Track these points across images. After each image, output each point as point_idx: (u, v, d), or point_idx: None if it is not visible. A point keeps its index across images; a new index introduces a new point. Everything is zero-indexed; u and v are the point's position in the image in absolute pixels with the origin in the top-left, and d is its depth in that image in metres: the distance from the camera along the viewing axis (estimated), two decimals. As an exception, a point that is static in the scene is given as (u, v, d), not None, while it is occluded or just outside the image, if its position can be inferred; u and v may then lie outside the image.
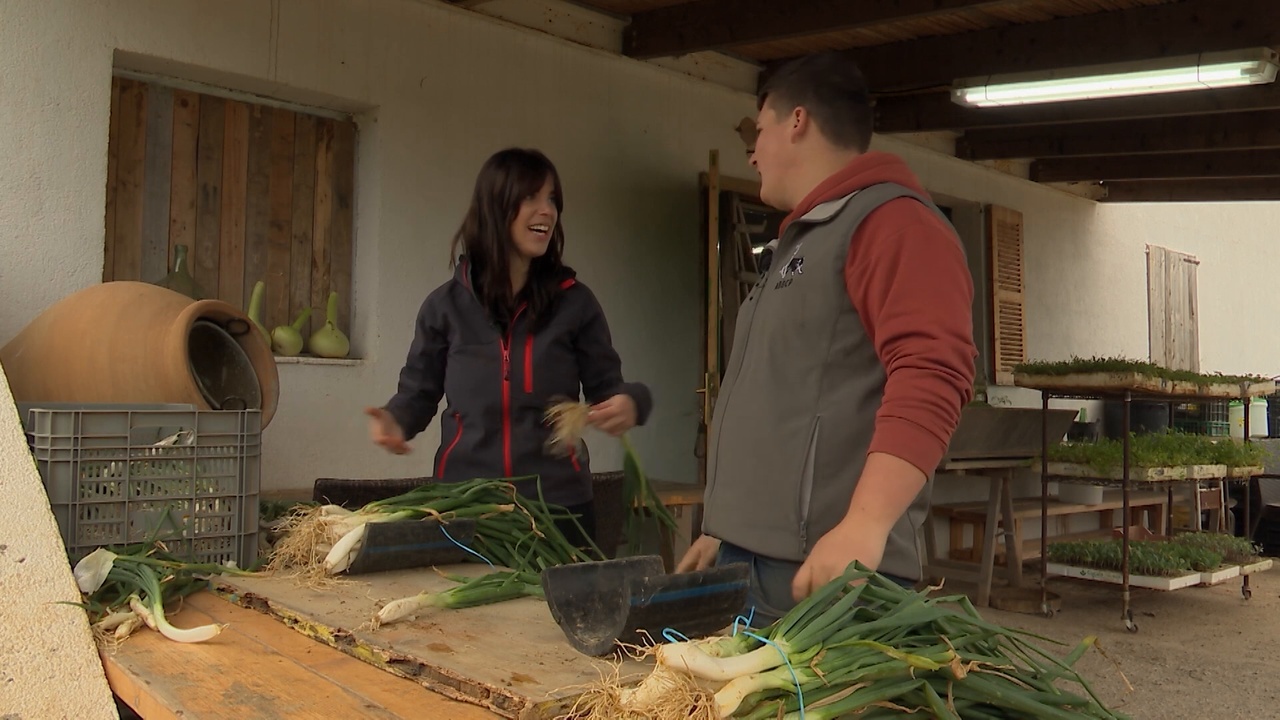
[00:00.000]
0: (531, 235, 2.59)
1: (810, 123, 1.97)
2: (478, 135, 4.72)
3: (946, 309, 1.72)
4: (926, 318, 1.70)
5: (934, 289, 1.73)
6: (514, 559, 2.06)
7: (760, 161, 2.04)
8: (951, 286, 1.75)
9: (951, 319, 1.71)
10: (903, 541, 1.81)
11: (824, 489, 1.79)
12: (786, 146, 1.99)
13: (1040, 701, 1.12)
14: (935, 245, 1.77)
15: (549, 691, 1.21)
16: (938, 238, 1.78)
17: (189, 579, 1.87)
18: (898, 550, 1.79)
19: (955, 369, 1.68)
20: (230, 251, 4.23)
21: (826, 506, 1.78)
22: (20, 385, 2.57)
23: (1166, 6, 4.73)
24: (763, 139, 2.03)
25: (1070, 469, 5.98)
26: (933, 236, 1.78)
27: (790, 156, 1.99)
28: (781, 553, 1.81)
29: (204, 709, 1.28)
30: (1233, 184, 8.43)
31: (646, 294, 5.48)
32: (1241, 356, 10.79)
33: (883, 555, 1.68)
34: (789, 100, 1.99)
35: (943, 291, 1.73)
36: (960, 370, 1.68)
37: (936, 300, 1.72)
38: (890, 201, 1.81)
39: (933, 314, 1.71)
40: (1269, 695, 4.50)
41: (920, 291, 1.72)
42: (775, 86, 2.02)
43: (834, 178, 1.93)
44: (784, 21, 4.81)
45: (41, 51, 3.58)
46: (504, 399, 2.61)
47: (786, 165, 1.99)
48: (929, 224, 1.79)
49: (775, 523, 1.82)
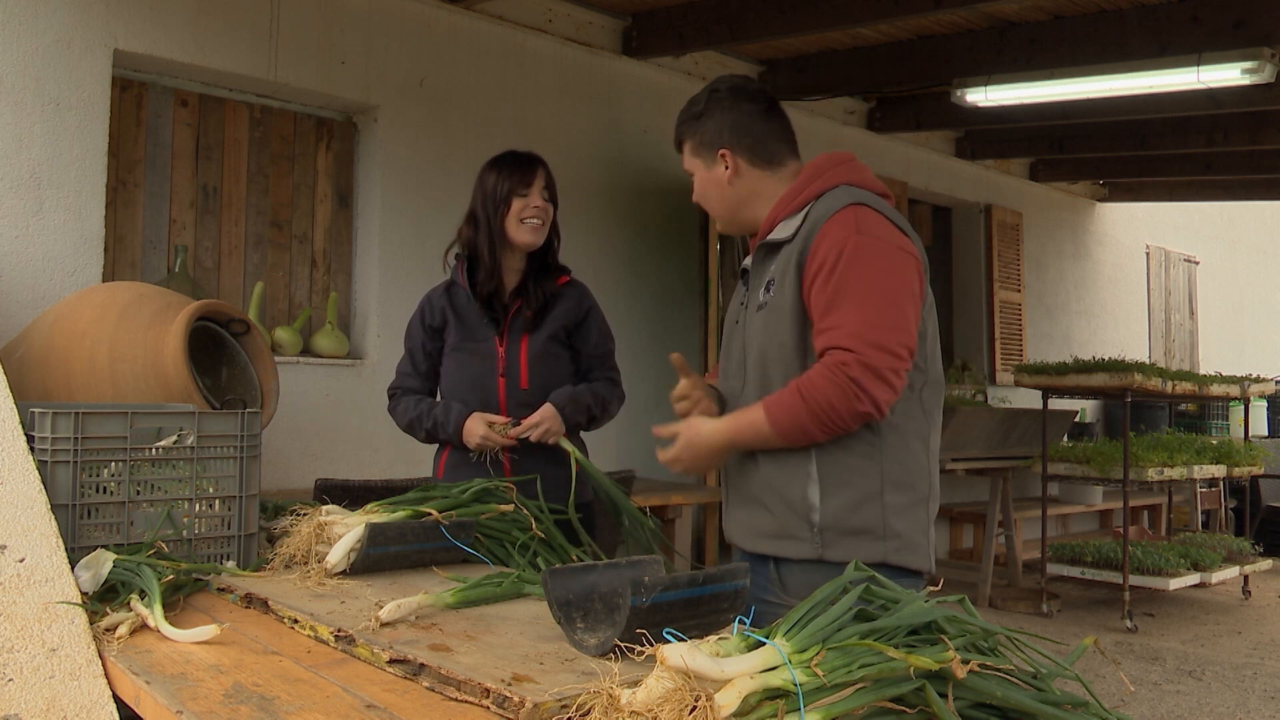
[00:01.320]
0: (524, 227, 2.60)
1: (738, 160, 1.98)
2: (478, 135, 4.72)
3: (872, 321, 1.76)
4: (846, 332, 1.76)
5: (862, 301, 1.77)
6: (514, 559, 2.06)
7: (705, 207, 2.07)
8: (884, 298, 1.78)
9: (875, 331, 1.76)
10: (914, 535, 1.88)
11: (830, 499, 1.85)
12: (726, 190, 2.01)
13: (1040, 701, 1.12)
14: (874, 255, 1.80)
15: (549, 691, 1.21)
16: (879, 248, 1.81)
17: (189, 579, 1.87)
18: (908, 544, 1.86)
19: (864, 389, 1.74)
20: (230, 251, 4.23)
21: (835, 513, 1.85)
22: (20, 385, 2.57)
23: (1166, 6, 4.73)
24: (700, 186, 2.05)
25: (1070, 469, 5.98)
26: (873, 246, 1.80)
27: (735, 197, 2.01)
28: (799, 554, 1.88)
29: (204, 709, 1.28)
30: (1233, 184, 8.43)
31: (646, 294, 5.48)
32: (1241, 356, 10.79)
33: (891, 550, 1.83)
34: (709, 146, 2.00)
35: (872, 303, 1.77)
36: (868, 390, 1.74)
37: (863, 312, 1.76)
38: (839, 212, 1.84)
39: (855, 326, 1.76)
40: (1269, 695, 4.50)
41: (847, 305, 1.77)
42: (689, 134, 2.02)
43: (790, 192, 1.95)
44: (784, 21, 4.81)
45: (41, 51, 3.58)
46: (500, 396, 2.61)
47: (736, 205, 2.02)
48: (871, 233, 1.81)
49: (790, 532, 1.89)
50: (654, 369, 5.41)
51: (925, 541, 1.91)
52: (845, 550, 1.83)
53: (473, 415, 2.57)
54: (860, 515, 1.84)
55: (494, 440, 2.54)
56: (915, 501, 1.89)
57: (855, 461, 1.84)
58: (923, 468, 1.92)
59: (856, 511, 1.84)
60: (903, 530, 1.86)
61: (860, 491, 1.84)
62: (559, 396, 2.60)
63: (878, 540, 1.84)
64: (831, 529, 1.83)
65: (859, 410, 1.76)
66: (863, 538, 1.84)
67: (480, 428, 2.54)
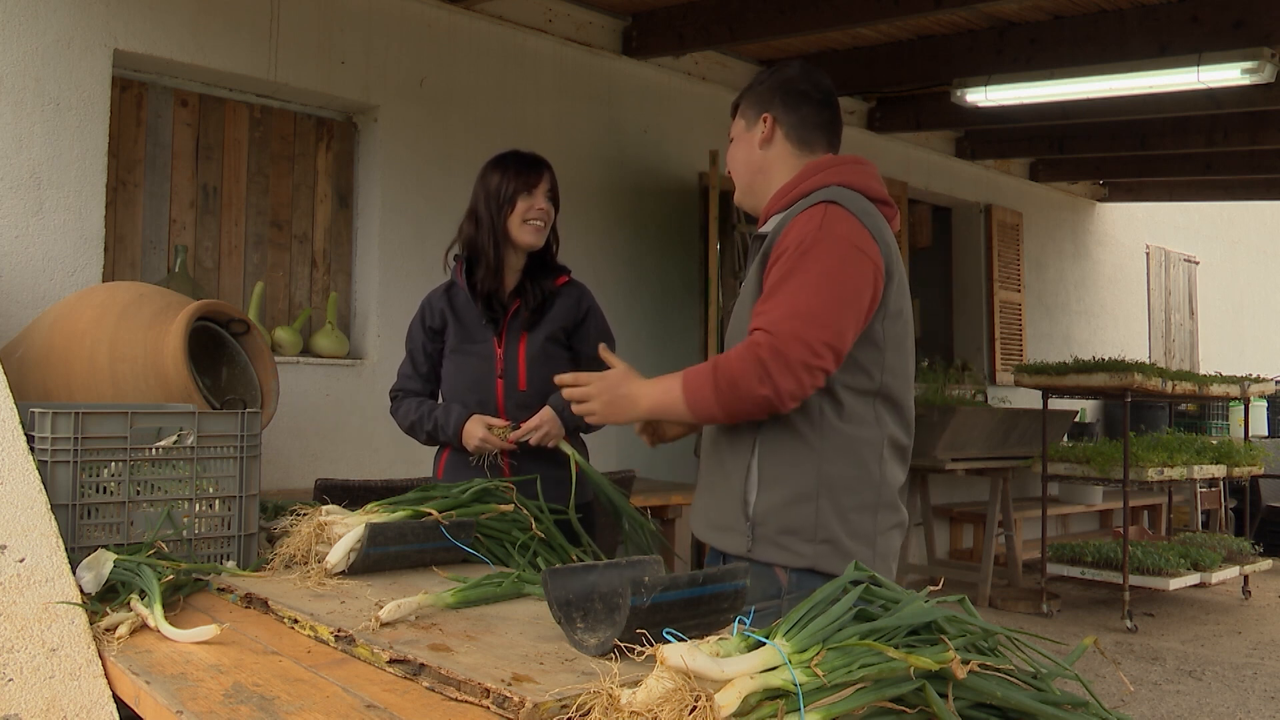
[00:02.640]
0: (527, 228, 2.60)
1: (776, 129, 2.01)
2: (478, 135, 4.72)
3: (802, 313, 1.74)
4: (771, 318, 1.76)
5: (793, 293, 1.76)
6: (514, 559, 2.06)
7: (732, 169, 2.09)
8: (816, 291, 1.76)
9: (793, 320, 1.74)
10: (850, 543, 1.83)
11: (765, 495, 1.84)
12: (755, 153, 2.03)
13: (1040, 701, 1.12)
14: (821, 250, 1.78)
15: (549, 691, 1.21)
16: (830, 243, 1.79)
17: (189, 579, 1.87)
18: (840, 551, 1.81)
19: (771, 374, 1.72)
20: (230, 251, 4.23)
21: (767, 509, 1.84)
22: (20, 385, 2.57)
23: (1166, 6, 4.73)
24: (733, 148, 2.08)
25: (1070, 469, 5.98)
26: (824, 241, 1.79)
27: (759, 163, 2.03)
28: (734, 549, 1.87)
29: (204, 709, 1.28)
30: (1233, 184, 8.43)
31: (646, 294, 5.48)
32: (1241, 356, 10.79)
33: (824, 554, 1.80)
34: (757, 108, 2.03)
35: (799, 295, 1.76)
36: (774, 378, 1.72)
37: (789, 303, 1.76)
38: (806, 210, 1.84)
39: (779, 314, 1.76)
40: (1269, 695, 4.50)
41: (784, 294, 1.77)
42: (746, 95, 2.08)
43: (783, 189, 1.96)
44: (784, 21, 4.81)
45: (41, 51, 3.58)
46: (499, 397, 2.61)
47: (755, 171, 2.04)
48: (827, 229, 1.80)
49: (729, 524, 1.89)
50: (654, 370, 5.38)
51: (869, 551, 1.84)
52: (773, 550, 1.82)
53: (472, 417, 2.56)
54: (792, 514, 1.82)
55: (492, 443, 2.54)
56: (858, 508, 1.84)
57: (793, 459, 1.82)
58: (872, 476, 1.86)
59: (789, 510, 1.82)
60: (838, 536, 1.81)
61: (795, 491, 1.82)
62: (558, 399, 2.59)
63: (807, 542, 1.81)
64: (763, 524, 1.83)
65: (759, 393, 1.72)
66: (791, 538, 1.81)
67: (479, 430, 2.54)
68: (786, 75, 2.03)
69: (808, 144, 2.00)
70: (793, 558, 1.81)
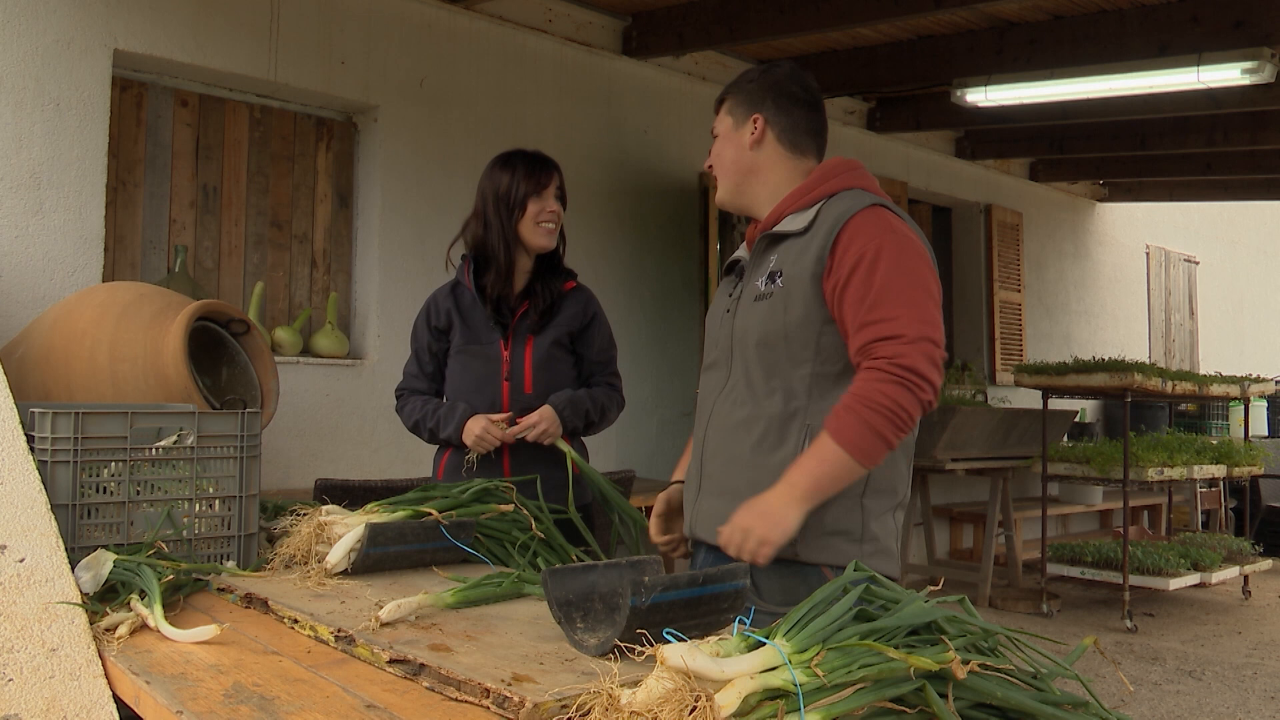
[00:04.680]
0: (540, 230, 2.60)
1: (768, 130, 2.00)
2: (478, 135, 4.72)
3: (920, 316, 1.77)
4: (901, 324, 1.76)
5: (908, 297, 1.78)
6: (514, 559, 2.06)
7: (716, 167, 2.06)
8: (925, 294, 1.80)
9: (925, 326, 1.77)
10: (888, 541, 1.87)
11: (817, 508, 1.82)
12: (744, 154, 2.01)
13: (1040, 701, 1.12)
14: (908, 254, 1.82)
15: (549, 691, 1.21)
16: (910, 246, 1.83)
17: (189, 579, 1.87)
18: (883, 549, 1.85)
19: (923, 376, 1.74)
20: (230, 251, 4.23)
21: (815, 513, 1.82)
22: (20, 385, 2.57)
23: (1166, 6, 4.73)
24: (719, 145, 2.06)
25: (1070, 469, 5.98)
26: (905, 245, 1.82)
27: (748, 164, 2.01)
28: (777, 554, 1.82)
29: (204, 709, 1.28)
30: (1233, 184, 8.43)
31: (646, 294, 5.48)
32: (1241, 356, 10.79)
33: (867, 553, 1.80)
34: (747, 108, 2.01)
35: (917, 299, 1.79)
36: (927, 378, 1.74)
37: (911, 307, 1.77)
38: (862, 211, 1.85)
39: (907, 320, 1.76)
40: (1269, 695, 4.50)
41: (894, 300, 1.77)
42: (734, 93, 2.05)
43: (801, 188, 1.96)
44: (784, 21, 4.81)
45: (41, 51, 3.58)
46: (504, 399, 2.61)
47: (744, 172, 2.02)
48: (900, 232, 1.84)
49: None
50: (654, 370, 5.42)
51: (897, 548, 1.89)
52: (821, 551, 1.82)
53: (475, 415, 2.57)
54: (839, 516, 1.82)
55: (492, 436, 2.53)
56: (892, 507, 1.89)
57: None
58: (902, 473, 1.91)
59: (835, 512, 1.82)
60: (879, 534, 1.85)
61: (846, 492, 1.82)
62: (558, 399, 2.60)
63: (854, 543, 1.83)
64: (809, 528, 1.80)
65: (923, 400, 1.75)
66: (840, 539, 1.82)
67: (479, 424, 2.54)
68: (777, 76, 2.02)
69: (799, 148, 2.01)
70: (840, 557, 1.81)
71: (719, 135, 2.06)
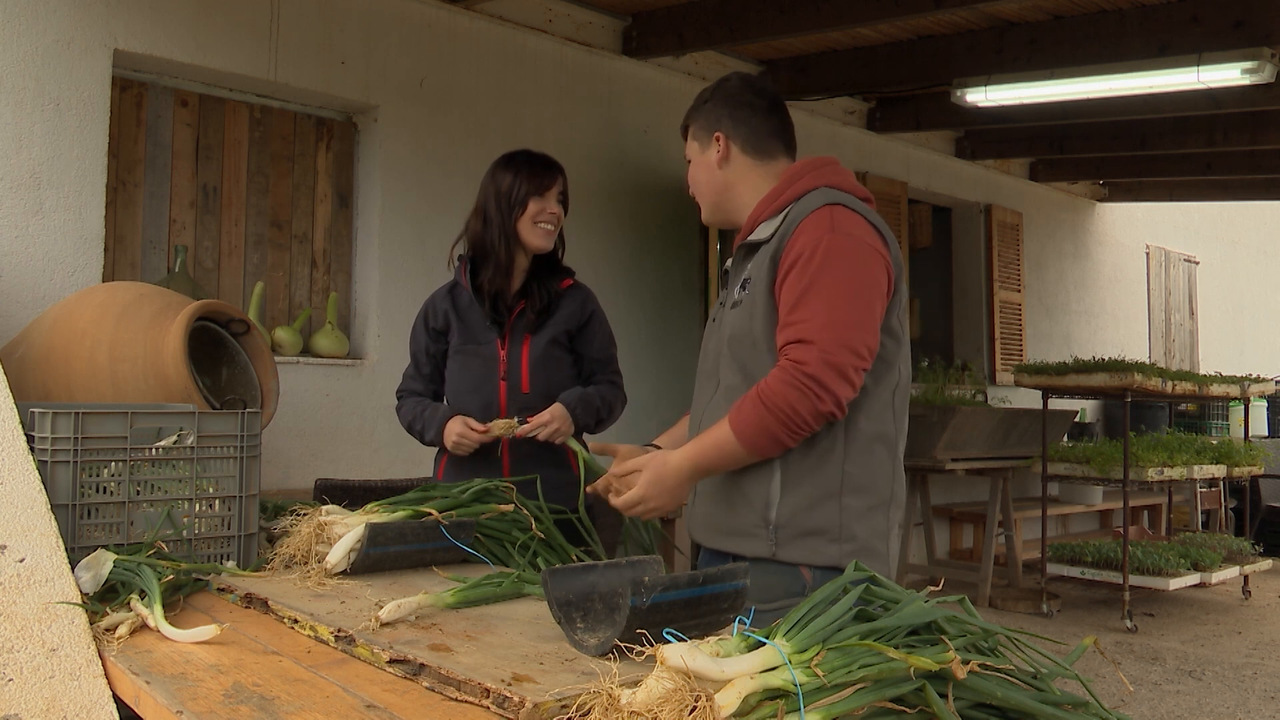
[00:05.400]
0: (538, 230, 2.60)
1: (730, 145, 2.01)
2: (478, 135, 4.72)
3: (836, 319, 1.76)
4: (813, 328, 1.76)
5: (830, 300, 1.77)
6: (514, 559, 2.06)
7: (695, 192, 2.10)
8: (851, 297, 1.78)
9: (839, 330, 1.75)
10: (871, 540, 1.86)
11: (788, 497, 1.84)
12: (715, 174, 2.03)
13: (1040, 701, 1.12)
14: (844, 254, 1.80)
15: (549, 691, 1.21)
16: (848, 244, 1.81)
17: (189, 579, 1.87)
18: (865, 548, 1.84)
19: (824, 386, 1.73)
20: (230, 251, 4.23)
21: (791, 512, 1.83)
22: (20, 385, 2.57)
23: (1166, 6, 4.73)
24: (692, 171, 2.09)
25: (1070, 469, 5.98)
26: (841, 244, 1.81)
27: (721, 182, 2.03)
28: (753, 552, 1.86)
29: (204, 709, 1.28)
30: (1233, 184, 8.43)
31: (646, 294, 5.48)
32: (1241, 356, 10.79)
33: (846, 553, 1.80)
34: (707, 129, 2.04)
35: (837, 302, 1.77)
36: (829, 387, 1.73)
37: (830, 311, 1.76)
38: (814, 212, 1.85)
39: (820, 325, 1.75)
40: (1269, 695, 4.50)
41: (814, 302, 1.77)
42: (693, 118, 2.08)
43: (769, 195, 1.96)
44: (784, 21, 4.81)
45: (41, 51, 3.58)
46: (500, 399, 2.61)
47: (720, 191, 2.04)
48: (842, 230, 1.82)
49: (745, 529, 1.88)
50: (654, 370, 5.42)
51: (885, 548, 1.88)
52: (799, 551, 1.82)
53: (454, 417, 2.57)
54: (816, 515, 1.83)
55: (470, 438, 2.53)
56: (875, 506, 1.87)
57: (817, 461, 1.83)
58: (886, 472, 1.90)
59: (813, 511, 1.82)
60: (860, 534, 1.84)
61: (819, 491, 1.82)
62: (569, 398, 2.59)
63: (833, 542, 1.82)
64: (786, 528, 1.82)
65: (821, 410, 1.74)
66: (818, 538, 1.82)
67: (456, 426, 2.54)
68: (729, 90, 2.04)
69: (766, 152, 2.01)
70: (818, 556, 1.82)
71: (690, 161, 2.09)
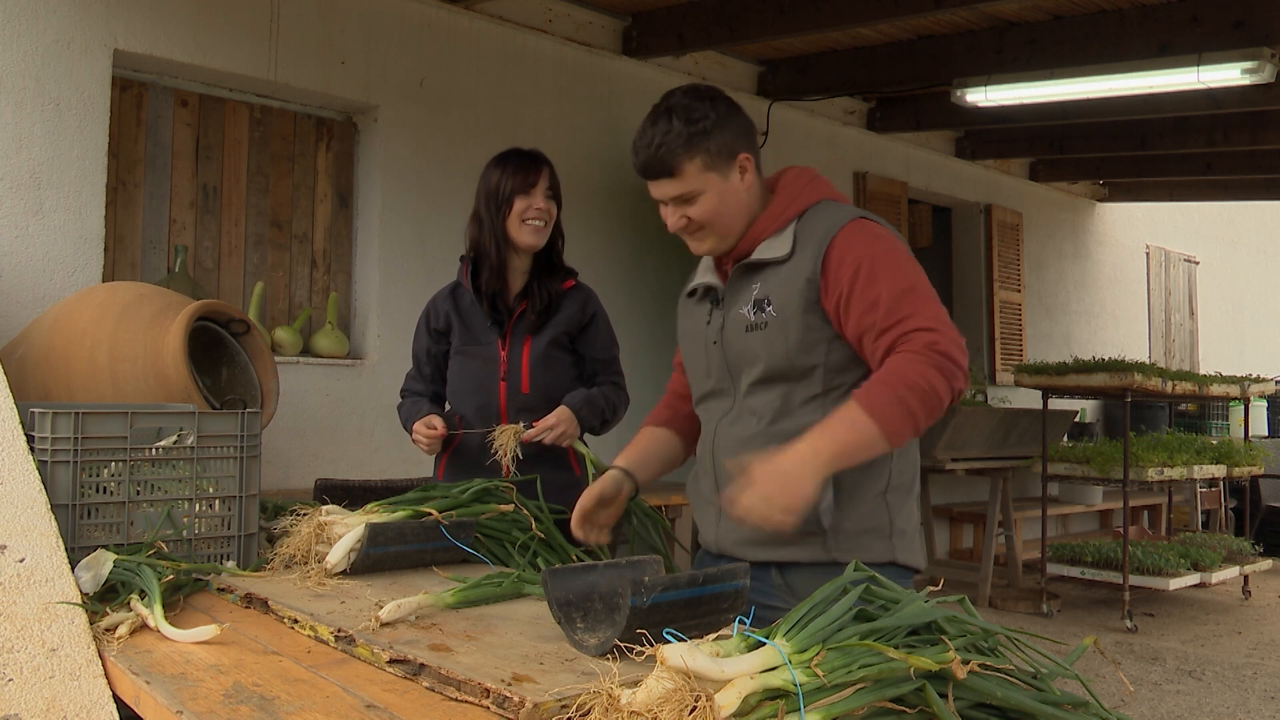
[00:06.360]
0: (526, 229, 2.58)
1: (751, 164, 1.92)
2: (478, 135, 4.72)
3: (940, 312, 1.79)
4: (926, 316, 1.76)
5: (922, 297, 1.79)
6: (514, 559, 2.06)
7: (717, 225, 1.90)
8: (931, 293, 1.82)
9: (946, 319, 1.79)
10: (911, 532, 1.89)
11: (843, 500, 1.82)
12: (742, 199, 1.90)
13: (1040, 701, 1.12)
14: (902, 258, 1.84)
15: (549, 691, 1.21)
16: (900, 250, 1.85)
17: (189, 579, 1.87)
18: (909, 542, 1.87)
19: (957, 363, 1.73)
20: (230, 251, 4.23)
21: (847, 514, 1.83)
22: (20, 385, 2.57)
23: (1166, 6, 4.73)
24: (716, 203, 1.88)
25: (1070, 469, 5.98)
26: (896, 250, 1.84)
27: (747, 204, 1.91)
28: (809, 557, 1.83)
29: (204, 709, 1.28)
30: (1233, 184, 8.43)
31: (646, 294, 5.48)
32: (1241, 356, 10.79)
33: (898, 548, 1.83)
34: (726, 155, 1.87)
35: (930, 297, 1.80)
36: (961, 365, 1.74)
37: (930, 304, 1.79)
38: (844, 227, 1.85)
39: (930, 313, 1.77)
40: (1269, 695, 4.50)
41: (911, 300, 1.78)
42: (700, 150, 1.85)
43: (770, 213, 1.91)
44: (784, 21, 4.81)
45: (41, 51, 3.58)
46: (500, 400, 2.61)
47: (745, 213, 1.91)
48: (888, 240, 1.86)
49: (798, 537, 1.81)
50: (655, 370, 5.41)
51: (917, 534, 1.92)
52: (856, 550, 1.81)
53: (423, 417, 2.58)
54: (868, 515, 1.84)
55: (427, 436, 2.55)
56: (908, 497, 1.91)
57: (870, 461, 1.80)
58: (915, 463, 1.95)
59: (865, 511, 1.84)
60: (905, 528, 1.87)
61: (871, 491, 1.84)
62: (574, 399, 2.58)
63: (884, 539, 1.84)
64: (843, 530, 1.82)
65: (955, 388, 1.73)
66: (871, 536, 1.84)
67: (417, 426, 2.57)
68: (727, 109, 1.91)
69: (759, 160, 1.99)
70: (872, 554, 1.81)
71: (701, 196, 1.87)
